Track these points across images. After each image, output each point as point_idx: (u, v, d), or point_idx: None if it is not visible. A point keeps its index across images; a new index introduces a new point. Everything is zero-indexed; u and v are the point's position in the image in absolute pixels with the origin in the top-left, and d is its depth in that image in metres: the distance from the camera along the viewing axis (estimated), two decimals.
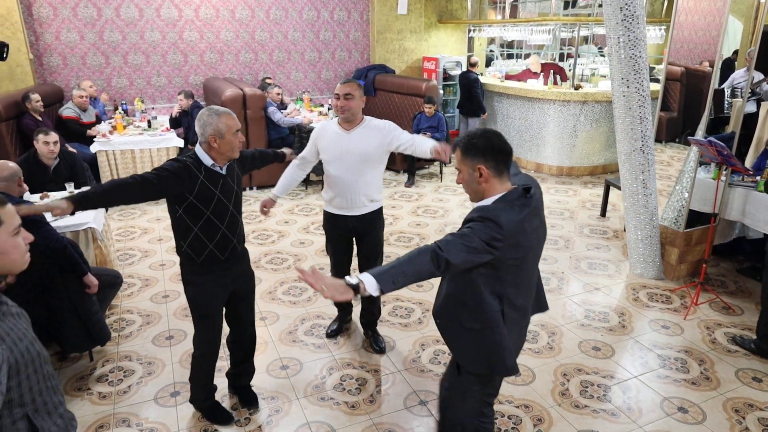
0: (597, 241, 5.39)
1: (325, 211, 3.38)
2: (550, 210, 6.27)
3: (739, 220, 4.40)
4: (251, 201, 6.58)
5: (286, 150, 3.24)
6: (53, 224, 3.44)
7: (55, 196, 4.19)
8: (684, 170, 4.55)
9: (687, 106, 8.69)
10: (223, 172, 2.54)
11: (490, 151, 1.87)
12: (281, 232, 5.61)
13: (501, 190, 1.89)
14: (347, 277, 1.68)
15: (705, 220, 4.42)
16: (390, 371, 3.34)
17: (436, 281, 2.09)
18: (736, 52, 7.32)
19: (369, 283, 1.66)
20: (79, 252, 3.20)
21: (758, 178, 4.16)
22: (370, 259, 3.42)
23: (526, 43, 10.18)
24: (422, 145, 3.09)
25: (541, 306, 2.28)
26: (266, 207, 3.30)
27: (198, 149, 2.50)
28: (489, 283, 1.89)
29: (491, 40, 10.63)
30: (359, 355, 3.51)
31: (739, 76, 6.43)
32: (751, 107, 6.25)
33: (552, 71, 8.03)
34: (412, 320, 3.92)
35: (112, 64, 7.66)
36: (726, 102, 6.06)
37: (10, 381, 1.34)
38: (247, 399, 3.06)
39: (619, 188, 5.08)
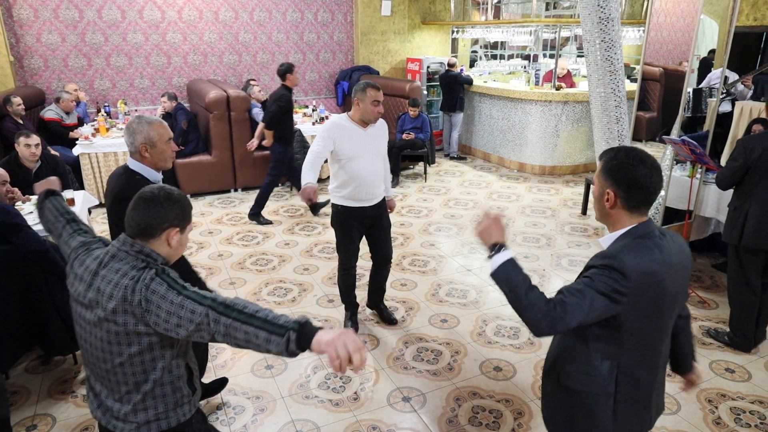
0: (578, 238, 5.48)
1: (342, 206, 3.47)
2: (533, 208, 6.36)
3: (714, 217, 4.52)
4: (236, 203, 6.59)
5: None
6: (35, 227, 3.44)
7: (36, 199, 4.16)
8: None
9: (666, 105, 8.87)
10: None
11: (626, 182, 1.61)
12: (266, 233, 5.63)
13: (629, 223, 1.64)
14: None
15: (681, 217, 4.52)
16: (374, 369, 3.39)
17: (423, 280, 2.11)
18: (712, 52, 7.48)
19: (503, 256, 1.59)
20: (61, 255, 3.20)
21: None
22: (387, 239, 3.67)
23: (508, 44, 10.29)
24: (387, 181, 3.63)
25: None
26: (311, 198, 3.18)
27: (137, 165, 2.35)
28: (601, 343, 1.63)
29: (475, 41, 10.73)
30: None
31: (715, 76, 6.58)
32: (726, 107, 6.41)
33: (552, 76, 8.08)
34: (396, 318, 3.96)
35: (95, 66, 7.62)
36: (704, 102, 6.21)
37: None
38: (215, 387, 3.14)
39: None
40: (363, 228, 3.59)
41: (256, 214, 5.90)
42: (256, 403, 3.08)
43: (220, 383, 3.16)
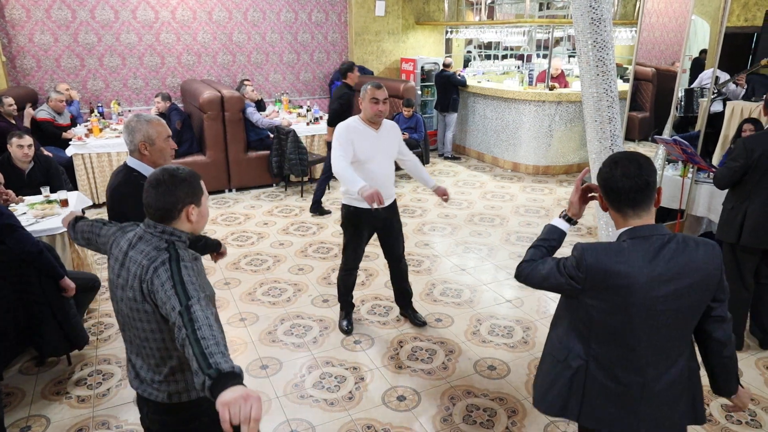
0: (571, 238, 5.51)
1: (353, 208, 3.46)
2: (527, 208, 6.39)
3: (705, 216, 4.56)
4: (231, 203, 6.59)
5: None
6: (29, 228, 3.44)
7: (31, 200, 4.16)
8: None
9: (658, 105, 8.93)
10: None
11: (603, 186, 1.70)
12: (261, 233, 5.63)
13: (624, 224, 1.69)
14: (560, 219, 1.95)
15: (674, 217, 4.56)
16: (368, 368, 3.40)
17: (417, 279, 2.11)
18: (703, 52, 7.54)
19: (556, 222, 1.95)
20: (55, 255, 3.20)
21: None
22: (398, 240, 3.69)
23: (502, 44, 10.32)
24: (422, 172, 3.63)
25: (697, 417, 1.84)
26: (380, 197, 3.01)
27: (136, 163, 2.36)
28: (578, 324, 1.76)
29: (469, 42, 10.75)
30: (338, 353, 3.56)
31: (706, 76, 6.63)
32: (718, 107, 6.46)
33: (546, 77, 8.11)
34: (391, 318, 3.98)
35: (88, 66, 7.59)
36: (695, 102, 6.26)
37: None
38: None
39: None
40: (374, 230, 3.61)
41: (317, 204, 6.18)
42: None
43: None
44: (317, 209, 6.16)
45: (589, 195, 1.89)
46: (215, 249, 2.62)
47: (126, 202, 2.26)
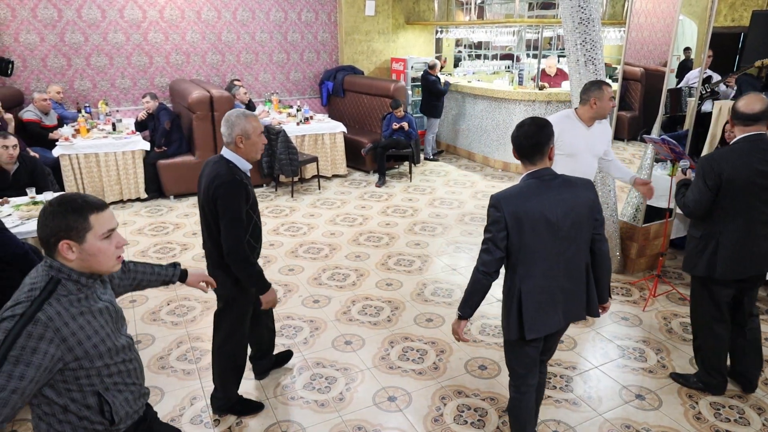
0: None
1: None
2: None
3: None
4: None
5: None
6: (15, 230, 3.39)
7: (16, 201, 4.10)
8: (641, 167, 4.72)
9: (647, 105, 8.98)
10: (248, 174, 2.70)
11: (513, 140, 2.29)
12: None
13: (525, 169, 2.26)
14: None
15: (662, 215, 4.59)
16: (359, 369, 3.38)
17: (409, 279, 2.11)
18: (686, 49, 7.59)
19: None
20: (41, 258, 3.15)
21: None
22: None
23: (492, 44, 10.35)
24: (621, 169, 3.63)
25: (591, 310, 2.37)
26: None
27: (231, 155, 2.57)
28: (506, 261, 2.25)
29: (459, 41, 10.77)
30: (329, 354, 3.55)
31: (693, 76, 6.67)
32: (708, 106, 6.50)
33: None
34: (381, 318, 3.97)
35: (75, 66, 7.51)
36: (683, 101, 6.29)
37: (75, 372, 1.52)
38: (283, 357, 3.40)
39: None
40: None
41: None
42: None
43: (286, 356, 3.40)
44: None
45: None
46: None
47: (228, 195, 2.49)
